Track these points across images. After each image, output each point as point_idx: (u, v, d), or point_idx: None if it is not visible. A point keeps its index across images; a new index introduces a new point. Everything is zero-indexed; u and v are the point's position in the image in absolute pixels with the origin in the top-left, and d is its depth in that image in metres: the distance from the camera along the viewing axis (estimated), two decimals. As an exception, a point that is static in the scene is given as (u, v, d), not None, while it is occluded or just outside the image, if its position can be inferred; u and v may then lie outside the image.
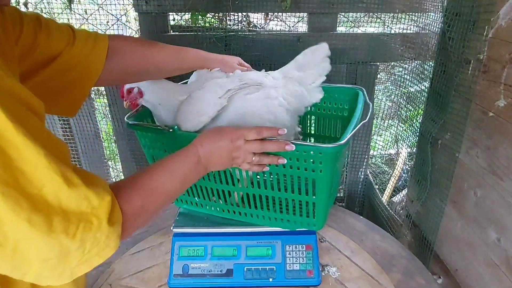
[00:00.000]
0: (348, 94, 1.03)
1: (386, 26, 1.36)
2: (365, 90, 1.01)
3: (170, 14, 1.40)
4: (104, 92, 1.59)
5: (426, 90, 1.24)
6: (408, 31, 1.32)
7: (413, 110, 1.39)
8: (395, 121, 1.62)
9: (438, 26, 1.12)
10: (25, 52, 0.64)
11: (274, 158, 0.78)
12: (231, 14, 1.36)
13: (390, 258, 1.02)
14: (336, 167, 0.85)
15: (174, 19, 1.45)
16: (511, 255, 0.88)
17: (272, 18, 1.48)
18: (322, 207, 0.89)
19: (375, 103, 1.57)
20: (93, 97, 1.66)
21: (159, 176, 0.63)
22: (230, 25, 1.41)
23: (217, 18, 1.43)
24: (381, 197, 1.63)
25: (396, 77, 1.51)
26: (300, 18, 1.41)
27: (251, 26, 1.53)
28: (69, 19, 1.46)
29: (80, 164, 1.68)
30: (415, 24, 1.28)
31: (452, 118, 1.07)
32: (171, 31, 1.40)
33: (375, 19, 1.37)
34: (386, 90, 1.62)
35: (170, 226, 1.00)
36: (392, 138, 1.75)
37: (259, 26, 1.55)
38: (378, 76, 1.50)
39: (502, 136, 0.88)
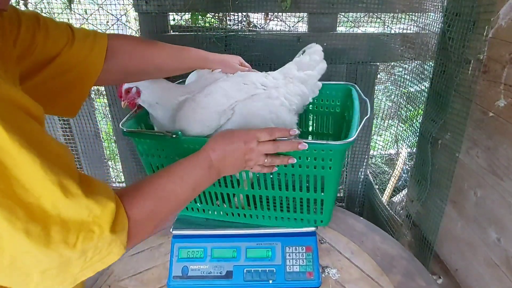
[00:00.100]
0: (339, 90, 1.06)
1: (386, 26, 1.36)
2: (357, 86, 1.03)
3: (170, 14, 1.39)
4: (104, 92, 1.58)
5: (426, 90, 1.24)
6: (408, 31, 1.32)
7: (413, 110, 1.39)
8: (395, 121, 1.62)
9: (438, 26, 1.12)
10: (23, 52, 0.63)
11: (285, 158, 0.77)
12: (231, 14, 1.36)
13: (390, 260, 1.02)
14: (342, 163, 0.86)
15: (174, 19, 1.45)
16: (511, 255, 0.88)
17: (272, 18, 1.48)
18: (330, 203, 0.90)
19: (375, 103, 1.57)
20: (93, 97, 1.66)
21: (169, 181, 0.61)
22: (230, 25, 1.41)
23: (217, 18, 1.42)
24: (381, 197, 1.62)
25: (396, 77, 1.51)
26: (300, 18, 1.41)
27: (251, 26, 1.53)
28: (69, 19, 1.45)
29: (80, 164, 1.68)
30: (415, 24, 1.27)
31: (452, 118, 1.07)
32: (171, 31, 1.40)
33: (375, 19, 1.37)
34: (386, 90, 1.62)
35: (169, 228, 1.00)
36: (392, 138, 1.75)
37: (259, 26, 1.55)
38: (378, 76, 1.49)
39: (502, 136, 0.88)
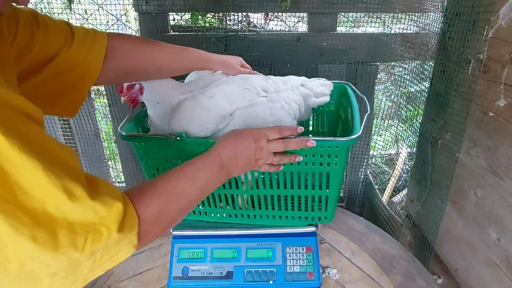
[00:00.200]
0: (334, 89, 1.06)
1: (386, 26, 1.36)
2: (351, 85, 1.04)
3: (170, 14, 1.39)
4: (104, 92, 1.58)
5: (426, 90, 1.24)
6: (408, 31, 1.32)
7: (413, 110, 1.39)
8: (395, 121, 1.62)
9: (438, 26, 1.12)
10: (21, 52, 0.62)
11: (292, 156, 0.77)
12: (231, 14, 1.36)
13: (391, 260, 1.02)
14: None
15: (174, 19, 1.45)
16: (511, 255, 0.88)
17: (272, 18, 1.48)
18: (334, 200, 0.90)
19: (375, 103, 1.57)
20: (93, 97, 1.65)
21: (179, 181, 0.61)
22: (230, 25, 1.41)
23: (217, 18, 1.42)
24: (381, 197, 1.62)
25: (396, 77, 1.51)
26: (300, 18, 1.41)
27: (251, 26, 1.53)
28: (69, 19, 1.45)
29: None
30: (415, 24, 1.27)
31: (452, 118, 1.07)
32: (171, 31, 1.39)
33: (375, 19, 1.36)
34: (386, 90, 1.62)
35: (170, 228, 1.00)
36: (392, 138, 1.75)
37: (259, 26, 1.54)
38: (378, 76, 1.49)
39: (502, 136, 0.88)
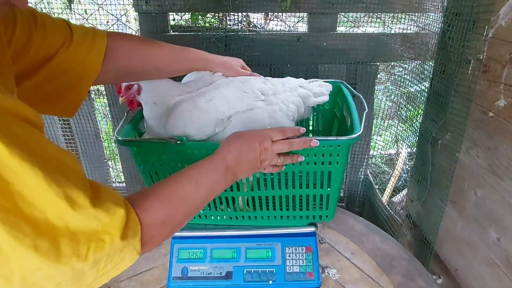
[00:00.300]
0: None
1: (386, 26, 1.36)
2: (346, 83, 1.05)
3: (170, 14, 1.39)
4: (104, 92, 1.58)
5: (426, 90, 1.24)
6: (408, 31, 1.32)
7: (413, 110, 1.39)
8: (395, 121, 1.62)
9: (438, 26, 1.12)
10: (18, 52, 0.61)
11: (295, 157, 0.77)
12: (231, 14, 1.36)
13: (391, 260, 1.02)
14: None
15: (174, 19, 1.45)
16: (511, 255, 0.88)
17: (272, 18, 1.48)
18: (335, 198, 0.91)
19: (375, 103, 1.57)
20: (93, 97, 1.65)
21: (184, 186, 0.60)
22: (230, 25, 1.40)
23: (217, 18, 1.42)
24: (381, 197, 1.62)
25: (396, 77, 1.51)
26: (300, 18, 1.41)
27: (251, 26, 1.53)
28: (69, 19, 1.44)
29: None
30: (415, 24, 1.27)
31: (452, 118, 1.07)
32: (171, 31, 1.39)
33: (375, 19, 1.36)
34: (386, 90, 1.62)
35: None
36: (392, 138, 1.75)
37: (259, 26, 1.54)
38: (378, 76, 1.49)
39: (502, 136, 0.88)
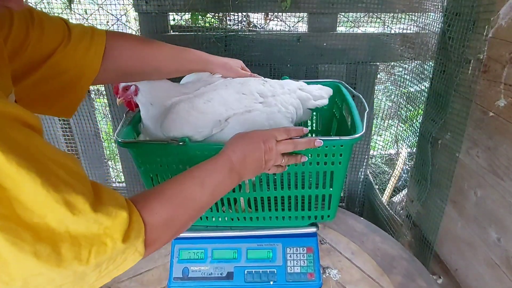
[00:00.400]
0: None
1: (386, 26, 1.36)
2: (344, 83, 1.04)
3: (170, 14, 1.39)
4: (104, 92, 1.58)
5: (426, 90, 1.24)
6: (408, 31, 1.32)
7: (413, 110, 1.39)
8: (395, 121, 1.62)
9: (438, 26, 1.12)
10: (15, 50, 0.59)
11: (298, 157, 0.77)
12: (231, 14, 1.35)
13: (391, 260, 1.02)
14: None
15: (174, 19, 1.45)
16: (511, 255, 0.88)
17: (272, 18, 1.48)
18: (337, 198, 0.91)
19: (375, 103, 1.57)
20: (93, 97, 1.65)
21: (188, 186, 0.60)
22: (230, 25, 1.40)
23: (217, 18, 1.42)
24: (381, 197, 1.62)
25: (396, 77, 1.51)
26: (300, 18, 1.41)
27: (251, 26, 1.53)
28: (69, 19, 1.44)
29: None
30: (415, 24, 1.27)
31: (452, 118, 1.07)
32: (171, 31, 1.39)
33: (375, 19, 1.36)
34: (386, 90, 1.62)
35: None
36: (392, 138, 1.75)
37: (259, 26, 1.54)
38: (378, 76, 1.49)
39: (502, 136, 0.88)
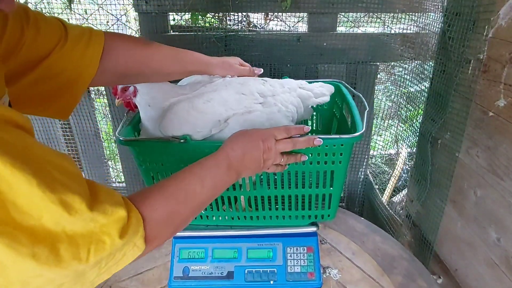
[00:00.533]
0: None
1: (386, 26, 1.36)
2: (344, 83, 1.05)
3: (170, 14, 1.39)
4: (104, 92, 1.58)
5: (426, 90, 1.24)
6: (408, 31, 1.32)
7: (413, 110, 1.39)
8: (395, 121, 1.62)
9: (438, 26, 1.12)
10: (10, 50, 0.58)
11: (298, 156, 0.77)
12: (231, 14, 1.36)
13: (391, 260, 1.02)
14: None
15: (174, 19, 1.45)
16: (511, 255, 0.88)
17: (272, 18, 1.48)
18: (337, 197, 0.91)
19: (375, 103, 1.57)
20: (93, 97, 1.65)
21: (188, 182, 0.60)
22: (230, 25, 1.41)
23: (217, 18, 1.42)
24: (381, 197, 1.62)
25: (396, 77, 1.51)
26: (300, 18, 1.41)
27: (251, 26, 1.53)
28: (69, 19, 1.45)
29: (80, 164, 1.68)
30: (415, 24, 1.27)
31: (452, 118, 1.07)
32: (171, 31, 1.39)
33: (375, 19, 1.36)
34: (386, 90, 1.62)
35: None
36: (392, 138, 1.75)
37: (259, 26, 1.55)
38: (378, 76, 1.49)
39: (502, 135, 0.88)
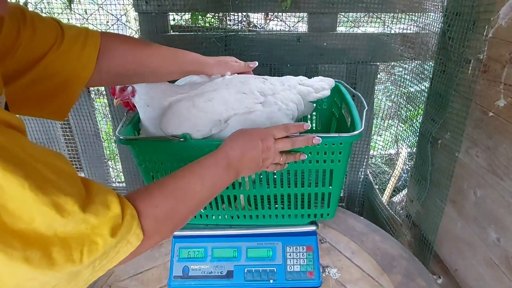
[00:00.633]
0: None
1: (386, 26, 1.36)
2: (344, 82, 1.05)
3: (170, 14, 1.39)
4: (104, 92, 1.58)
5: (426, 90, 1.24)
6: (408, 31, 1.32)
7: (413, 110, 1.39)
8: (395, 121, 1.62)
9: (438, 26, 1.12)
10: (6, 51, 0.58)
11: (297, 155, 0.77)
12: (231, 14, 1.36)
13: (391, 259, 1.02)
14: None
15: (174, 19, 1.45)
16: (511, 255, 0.88)
17: (272, 18, 1.48)
18: (336, 196, 0.90)
19: (375, 103, 1.57)
20: (93, 97, 1.65)
21: (188, 180, 0.61)
22: (230, 25, 1.41)
23: (217, 18, 1.42)
24: (381, 197, 1.62)
25: (396, 77, 1.51)
26: (300, 18, 1.41)
27: (251, 26, 1.53)
28: (69, 19, 1.45)
29: (80, 164, 1.68)
30: (415, 24, 1.27)
31: (452, 118, 1.07)
32: (171, 31, 1.39)
33: (375, 19, 1.37)
34: (386, 90, 1.62)
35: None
36: (392, 138, 1.75)
37: (259, 26, 1.55)
38: (378, 76, 1.49)
39: (502, 135, 0.88)
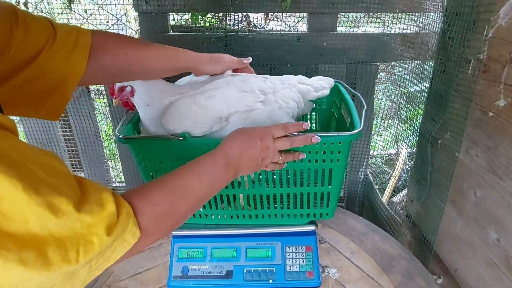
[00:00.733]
0: None
1: (386, 26, 1.36)
2: (343, 82, 1.05)
3: (170, 14, 1.39)
4: (104, 92, 1.58)
5: (426, 90, 1.24)
6: (408, 31, 1.32)
7: (413, 110, 1.39)
8: (395, 121, 1.62)
9: (438, 26, 1.12)
10: None
11: (296, 154, 0.77)
12: (231, 14, 1.36)
13: (390, 259, 1.02)
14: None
15: (174, 19, 1.45)
16: (511, 255, 0.88)
17: (272, 18, 1.48)
18: (336, 195, 0.90)
19: (375, 103, 1.57)
20: (93, 97, 1.65)
21: (186, 178, 0.61)
22: (230, 25, 1.41)
23: (217, 18, 1.42)
24: (381, 197, 1.62)
25: (396, 77, 1.51)
26: (300, 18, 1.41)
27: (251, 26, 1.53)
28: (69, 19, 1.45)
29: (80, 164, 1.68)
30: (415, 24, 1.27)
31: (452, 118, 1.07)
32: (171, 31, 1.39)
33: (375, 19, 1.36)
34: (386, 90, 1.62)
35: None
36: (392, 138, 1.75)
37: (259, 26, 1.55)
38: (378, 76, 1.49)
39: (502, 135, 0.88)
